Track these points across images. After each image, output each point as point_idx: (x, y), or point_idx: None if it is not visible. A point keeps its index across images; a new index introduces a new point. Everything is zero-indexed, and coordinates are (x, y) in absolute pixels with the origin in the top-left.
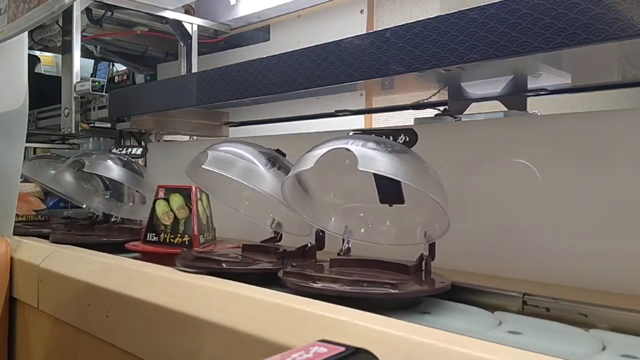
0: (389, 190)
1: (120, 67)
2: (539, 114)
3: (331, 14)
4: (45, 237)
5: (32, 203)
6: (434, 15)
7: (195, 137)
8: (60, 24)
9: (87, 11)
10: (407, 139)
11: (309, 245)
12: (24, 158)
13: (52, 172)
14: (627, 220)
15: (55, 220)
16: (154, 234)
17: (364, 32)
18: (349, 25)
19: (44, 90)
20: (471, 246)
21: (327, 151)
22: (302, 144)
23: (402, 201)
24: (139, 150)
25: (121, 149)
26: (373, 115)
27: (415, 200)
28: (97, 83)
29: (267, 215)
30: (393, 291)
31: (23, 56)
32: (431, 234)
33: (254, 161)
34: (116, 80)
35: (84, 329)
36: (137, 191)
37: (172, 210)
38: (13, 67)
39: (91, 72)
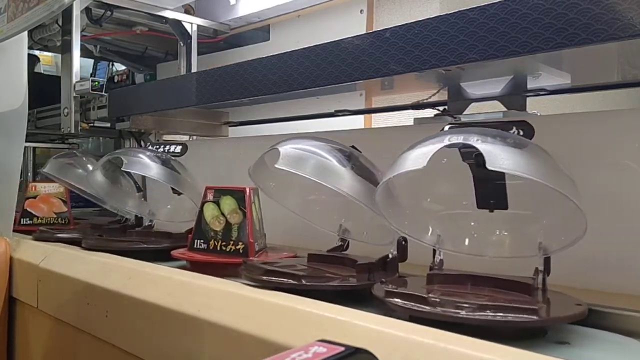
0: (490, 193)
1: (119, 67)
2: (539, 114)
3: (331, 14)
4: (74, 243)
5: (53, 205)
6: (433, 15)
7: (194, 137)
8: (60, 24)
9: (87, 11)
10: (522, 133)
11: (390, 256)
12: (23, 156)
13: (80, 171)
14: None
15: (79, 223)
16: (202, 241)
17: (364, 32)
18: (349, 25)
19: (43, 90)
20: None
21: (441, 148)
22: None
23: (505, 206)
24: (178, 148)
25: (157, 147)
26: (372, 115)
27: (528, 204)
28: (96, 83)
29: (334, 221)
30: (533, 318)
31: (23, 56)
32: (548, 244)
33: (329, 159)
34: (116, 80)
35: (83, 329)
36: (180, 193)
37: (222, 214)
38: (12, 66)
39: (91, 71)
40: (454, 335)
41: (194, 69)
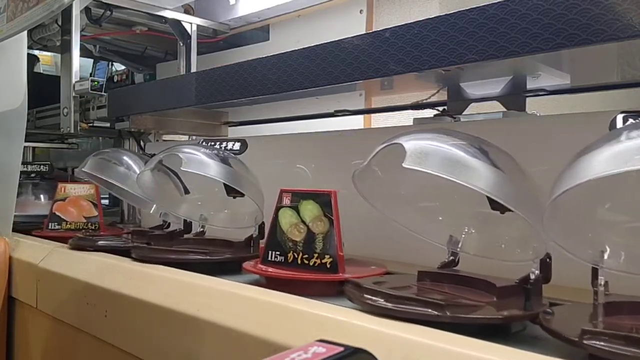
0: None
1: (119, 67)
2: (538, 114)
3: (331, 14)
4: (118, 252)
5: (83, 208)
6: (433, 16)
7: (194, 137)
8: (60, 24)
9: (87, 10)
10: None
11: (532, 276)
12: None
13: (122, 169)
14: None
15: (112, 229)
16: (277, 253)
17: (364, 32)
18: (349, 25)
19: (43, 90)
20: None
21: None
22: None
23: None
24: (237, 145)
25: (212, 143)
26: (372, 115)
27: None
28: (96, 82)
29: (444, 232)
30: None
31: (22, 55)
32: None
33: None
34: (115, 80)
35: (82, 329)
36: (237, 195)
37: (303, 221)
38: (12, 66)
39: (90, 71)
40: (453, 335)
41: (193, 69)
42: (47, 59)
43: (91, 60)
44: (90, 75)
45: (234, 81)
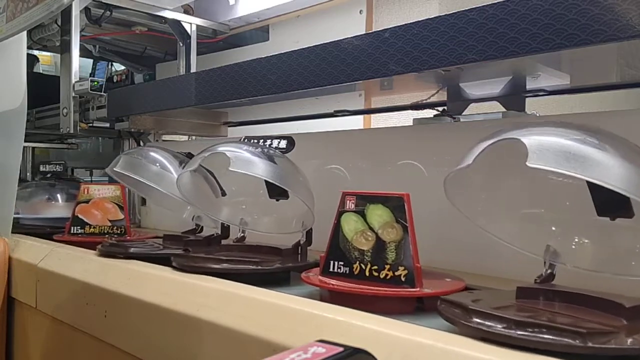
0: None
1: (119, 67)
2: (538, 114)
3: (330, 14)
4: (153, 260)
5: (108, 211)
6: (432, 16)
7: (194, 137)
8: (59, 24)
9: (86, 11)
10: None
11: None
12: (22, 156)
13: (155, 168)
14: None
15: (139, 233)
16: (341, 263)
17: (363, 32)
18: (348, 26)
19: (42, 90)
20: None
21: None
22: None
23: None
24: (283, 143)
25: (255, 141)
26: (372, 115)
27: None
28: (95, 83)
29: (540, 241)
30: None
31: (22, 55)
32: None
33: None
34: (115, 80)
35: (82, 329)
36: (281, 197)
37: (371, 228)
38: (12, 66)
39: (90, 71)
40: (453, 335)
41: (193, 69)
42: (46, 59)
43: (91, 61)
44: (90, 76)
45: (233, 81)
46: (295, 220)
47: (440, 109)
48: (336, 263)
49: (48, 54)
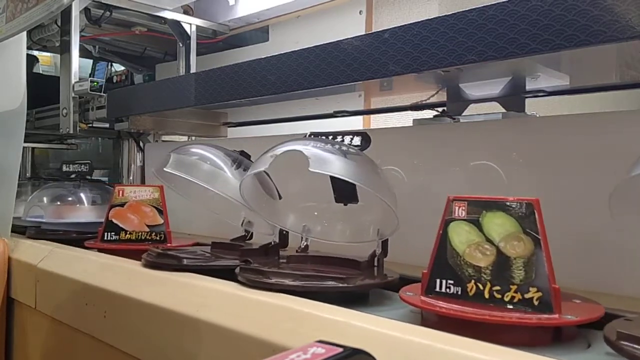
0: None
1: (118, 67)
2: (537, 115)
3: (330, 14)
4: (216, 274)
5: (145, 215)
6: (432, 17)
7: (193, 138)
8: (59, 24)
9: (86, 11)
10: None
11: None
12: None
13: (208, 167)
14: None
15: (178, 239)
16: (451, 282)
17: (363, 32)
18: (348, 26)
19: (42, 90)
20: None
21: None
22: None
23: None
24: (357, 140)
25: (322, 137)
26: (372, 116)
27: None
28: (95, 83)
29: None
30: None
31: (21, 56)
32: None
33: None
34: (114, 81)
35: (81, 329)
36: (350, 202)
37: (489, 240)
38: (11, 67)
39: (89, 72)
40: (452, 336)
41: (193, 70)
42: (46, 60)
43: (90, 61)
44: (90, 76)
45: (233, 82)
46: (373, 228)
47: (440, 109)
48: (444, 281)
49: (48, 54)
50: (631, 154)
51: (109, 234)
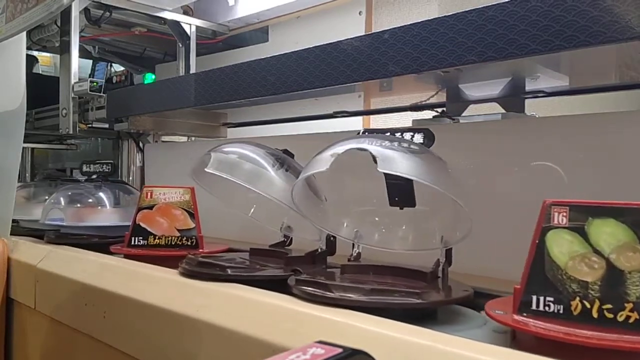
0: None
1: (118, 68)
2: (537, 116)
3: (330, 15)
4: (263, 285)
5: (176, 218)
6: (432, 17)
7: (193, 138)
8: (59, 24)
9: (86, 11)
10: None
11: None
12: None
13: (249, 166)
14: None
15: (209, 243)
16: (550, 299)
17: (363, 33)
18: (348, 27)
19: (41, 91)
20: None
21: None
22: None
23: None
24: (419, 137)
25: (378, 133)
26: (371, 116)
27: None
28: (95, 83)
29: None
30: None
31: (21, 56)
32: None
33: None
34: (114, 81)
35: (81, 330)
36: (405, 205)
37: (597, 251)
38: (11, 67)
39: (89, 72)
40: (452, 337)
41: (192, 70)
42: (46, 60)
43: (90, 61)
44: (89, 76)
45: (233, 82)
46: (437, 234)
47: (440, 110)
48: (542, 298)
49: (47, 54)
50: None
51: (137, 238)
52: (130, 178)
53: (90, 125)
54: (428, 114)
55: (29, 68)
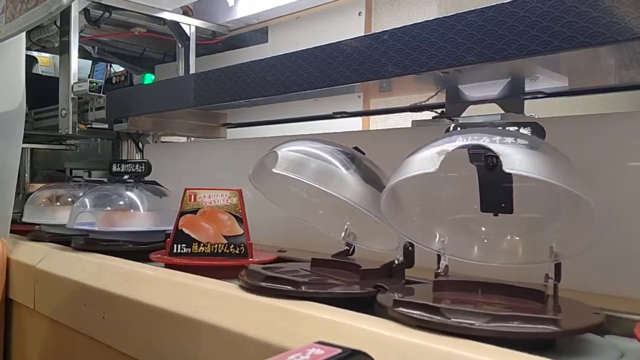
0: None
1: (118, 68)
2: (536, 116)
3: (329, 16)
4: (338, 303)
5: (222, 224)
6: (431, 18)
7: (192, 138)
8: (58, 25)
9: (85, 12)
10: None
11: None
12: (21, 158)
13: (316, 165)
14: None
15: (256, 250)
16: None
17: (362, 34)
18: (347, 27)
19: (41, 91)
20: None
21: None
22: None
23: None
24: (526, 131)
25: (485, 127)
26: (371, 117)
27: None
28: (94, 84)
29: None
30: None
31: (21, 57)
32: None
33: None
34: (114, 81)
35: (80, 330)
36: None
37: None
38: (10, 67)
39: (89, 72)
40: (452, 338)
41: (192, 71)
42: (45, 60)
43: (90, 62)
44: (89, 77)
45: (232, 83)
46: (547, 246)
47: (439, 110)
48: None
49: (47, 55)
50: None
51: (179, 245)
52: None
53: (89, 126)
54: (427, 115)
55: (29, 68)
